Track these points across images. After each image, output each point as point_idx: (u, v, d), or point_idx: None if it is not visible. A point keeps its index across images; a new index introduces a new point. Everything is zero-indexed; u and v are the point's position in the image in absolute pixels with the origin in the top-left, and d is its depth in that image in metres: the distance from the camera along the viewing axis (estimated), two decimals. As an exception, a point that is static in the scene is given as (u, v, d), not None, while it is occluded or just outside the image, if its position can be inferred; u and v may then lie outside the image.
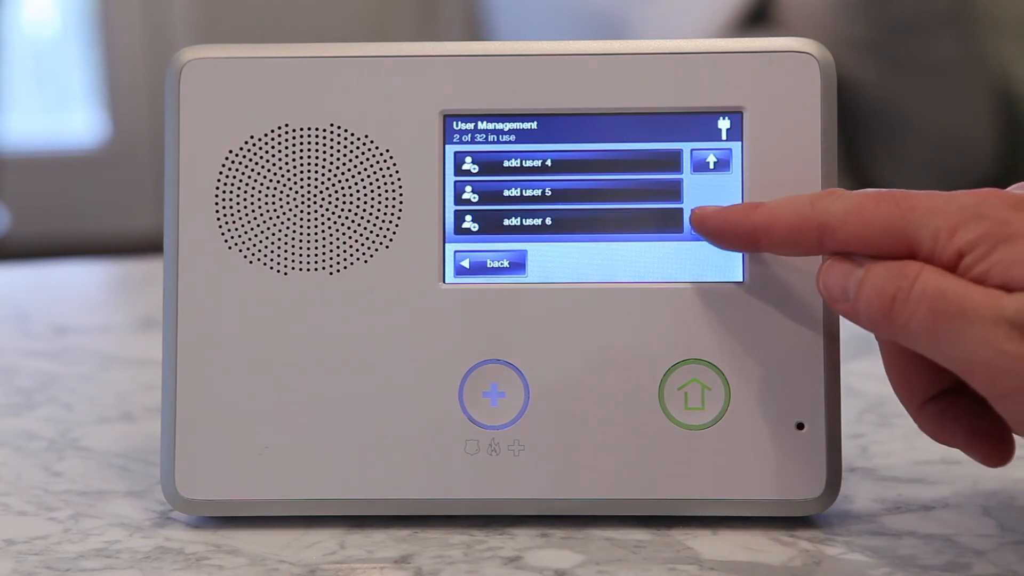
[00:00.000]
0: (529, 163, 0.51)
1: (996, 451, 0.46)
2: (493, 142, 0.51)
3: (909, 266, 0.43)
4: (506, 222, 0.51)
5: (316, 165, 0.51)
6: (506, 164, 0.51)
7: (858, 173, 1.72)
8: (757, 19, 1.74)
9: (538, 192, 0.51)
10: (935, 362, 0.44)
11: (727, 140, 0.51)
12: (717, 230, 0.48)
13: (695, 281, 0.50)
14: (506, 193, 0.51)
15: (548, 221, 0.51)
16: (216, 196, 0.51)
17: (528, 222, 0.51)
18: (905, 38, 1.68)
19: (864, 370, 0.68)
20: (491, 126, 0.51)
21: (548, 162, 0.51)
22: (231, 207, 0.51)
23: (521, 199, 0.51)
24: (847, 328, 0.48)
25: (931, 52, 1.69)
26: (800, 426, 0.50)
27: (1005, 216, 0.42)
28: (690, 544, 0.49)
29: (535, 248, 0.51)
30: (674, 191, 0.51)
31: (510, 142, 0.51)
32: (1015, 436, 0.46)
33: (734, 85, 0.50)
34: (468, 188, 0.51)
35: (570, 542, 0.49)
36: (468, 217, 0.51)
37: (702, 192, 0.51)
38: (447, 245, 0.51)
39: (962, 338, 0.42)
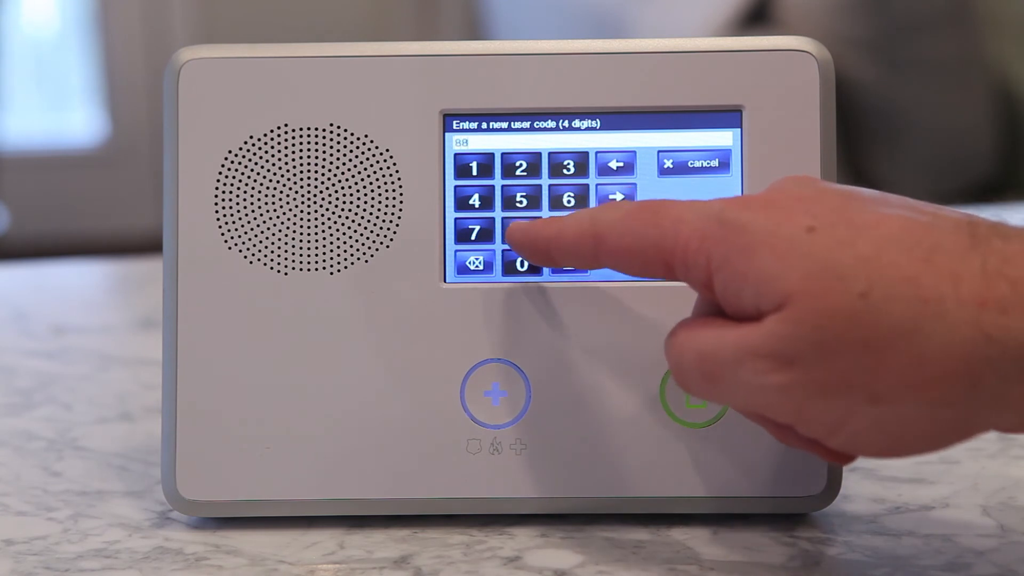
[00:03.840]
0: (529, 162, 0.51)
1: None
2: (493, 141, 0.51)
3: (671, 337, 0.43)
4: (506, 221, 0.51)
5: (316, 165, 0.51)
6: (506, 163, 0.51)
7: (858, 172, 1.72)
8: (756, 18, 1.74)
9: (538, 191, 0.51)
10: None
11: (726, 140, 0.51)
12: (520, 244, 0.47)
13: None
14: (506, 192, 0.51)
15: (548, 221, 0.51)
16: (216, 196, 0.51)
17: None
18: (905, 38, 1.68)
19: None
20: (491, 125, 0.51)
21: (548, 161, 0.51)
22: (231, 207, 0.51)
23: (521, 198, 0.51)
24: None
25: (931, 52, 1.69)
26: (800, 426, 0.50)
27: (748, 220, 0.41)
28: (690, 544, 0.49)
29: (535, 248, 0.51)
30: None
31: (510, 141, 0.51)
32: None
33: (733, 84, 0.50)
34: (468, 187, 0.51)
35: (570, 542, 0.49)
36: (469, 216, 0.51)
37: (701, 192, 0.51)
38: (448, 245, 0.51)
39: (736, 389, 0.41)
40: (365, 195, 0.51)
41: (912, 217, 0.40)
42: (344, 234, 0.51)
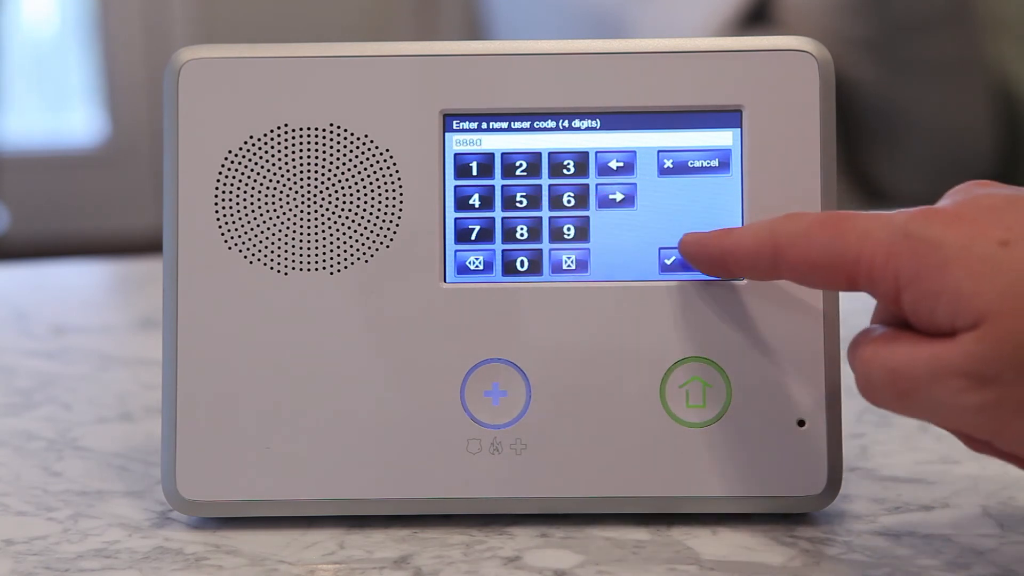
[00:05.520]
0: (529, 162, 0.51)
1: None
2: (493, 141, 0.51)
3: (856, 350, 0.42)
4: (506, 221, 0.51)
5: (316, 165, 0.51)
6: (506, 163, 0.51)
7: (858, 173, 1.72)
8: (756, 18, 1.74)
9: (538, 191, 0.51)
10: None
11: (726, 140, 0.51)
12: (694, 255, 0.48)
13: (696, 279, 0.50)
14: (506, 192, 0.51)
15: (548, 220, 0.51)
16: (216, 196, 0.51)
17: (528, 221, 0.51)
18: (905, 38, 1.68)
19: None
20: (491, 125, 0.51)
21: (548, 161, 0.51)
22: (231, 207, 0.51)
23: (521, 198, 0.51)
24: (848, 326, 0.48)
25: (931, 52, 1.69)
26: (801, 423, 0.50)
27: (937, 236, 0.40)
28: (690, 544, 0.49)
29: (536, 247, 0.51)
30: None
31: (510, 141, 0.51)
32: None
33: (733, 84, 0.50)
34: (468, 187, 0.51)
35: (570, 542, 0.49)
36: (469, 216, 0.51)
37: (701, 192, 0.51)
38: (448, 245, 0.51)
39: (930, 407, 0.40)
40: (365, 195, 0.51)
41: None
42: (344, 234, 0.51)
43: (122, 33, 2.92)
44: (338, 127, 0.51)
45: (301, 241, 0.51)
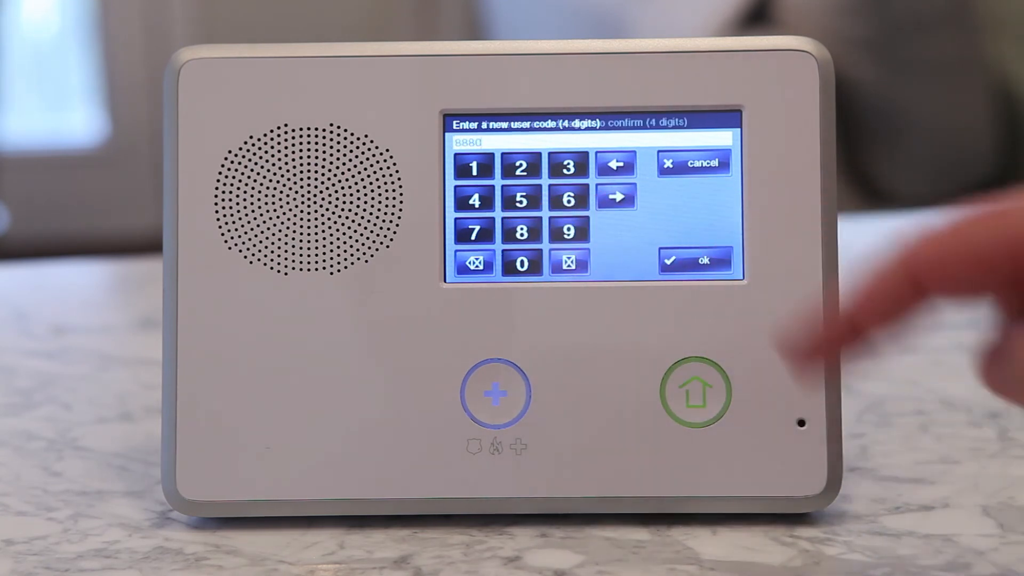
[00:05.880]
0: (529, 162, 0.51)
1: None
2: (493, 141, 0.51)
3: (1005, 365, 0.37)
4: (506, 221, 0.51)
5: (316, 165, 0.51)
6: (506, 163, 0.51)
7: (858, 173, 1.72)
8: (756, 18, 1.74)
9: (538, 191, 0.51)
10: None
11: (726, 140, 0.51)
12: (817, 351, 0.40)
13: (696, 279, 0.50)
14: (506, 192, 0.51)
15: (548, 219, 0.51)
16: (216, 196, 0.51)
17: (528, 221, 0.51)
18: (905, 38, 1.68)
19: (864, 370, 0.68)
20: (491, 125, 0.51)
21: (548, 161, 0.51)
22: (231, 207, 0.51)
23: (521, 198, 0.51)
24: (847, 328, 0.48)
25: (931, 52, 1.69)
26: (801, 423, 0.50)
27: None
28: (690, 544, 0.49)
29: (536, 247, 0.51)
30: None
31: (510, 141, 0.51)
32: None
33: (733, 84, 0.50)
34: (468, 187, 0.51)
35: (570, 542, 0.49)
36: (469, 216, 0.51)
37: (701, 192, 0.51)
38: (448, 245, 0.51)
39: None
40: (365, 195, 0.51)
41: None
42: (344, 234, 0.51)
43: (122, 33, 2.92)
44: (338, 127, 0.51)
45: (301, 241, 0.51)
